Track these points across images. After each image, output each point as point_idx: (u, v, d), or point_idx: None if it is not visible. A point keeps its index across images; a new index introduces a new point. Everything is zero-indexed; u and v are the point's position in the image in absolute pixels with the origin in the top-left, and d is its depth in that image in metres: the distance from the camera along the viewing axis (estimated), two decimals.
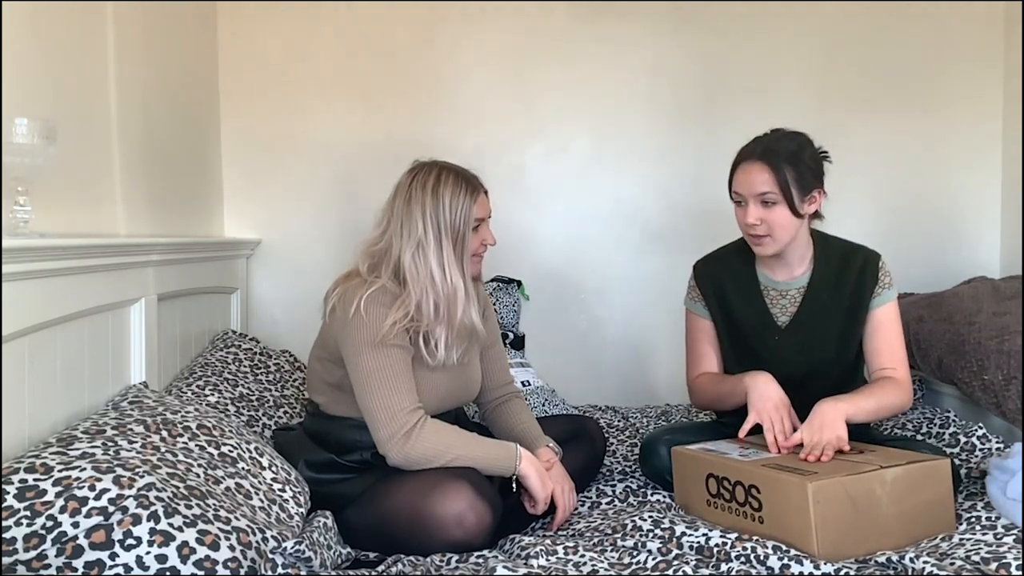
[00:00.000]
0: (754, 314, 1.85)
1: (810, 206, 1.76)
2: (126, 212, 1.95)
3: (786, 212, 1.72)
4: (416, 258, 1.64)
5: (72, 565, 1.12)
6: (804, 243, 1.82)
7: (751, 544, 1.42)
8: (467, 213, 1.66)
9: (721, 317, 1.90)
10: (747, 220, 1.74)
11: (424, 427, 1.59)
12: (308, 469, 1.67)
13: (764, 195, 1.71)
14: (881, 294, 1.80)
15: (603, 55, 2.78)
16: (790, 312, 1.84)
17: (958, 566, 1.33)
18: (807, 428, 1.64)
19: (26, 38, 1.52)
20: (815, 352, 1.83)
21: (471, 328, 1.69)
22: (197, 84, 2.56)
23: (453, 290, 1.64)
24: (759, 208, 1.72)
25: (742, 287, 1.87)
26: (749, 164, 1.74)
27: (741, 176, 1.75)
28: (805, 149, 1.75)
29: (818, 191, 1.76)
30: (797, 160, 1.72)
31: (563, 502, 1.67)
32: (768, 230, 1.73)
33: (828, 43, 2.79)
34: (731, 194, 1.79)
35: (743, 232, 1.81)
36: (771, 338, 1.84)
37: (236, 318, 2.65)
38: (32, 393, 1.40)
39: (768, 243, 1.75)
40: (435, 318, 1.65)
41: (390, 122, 2.74)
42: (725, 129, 2.75)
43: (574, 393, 2.74)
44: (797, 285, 1.84)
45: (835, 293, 1.81)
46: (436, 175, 1.67)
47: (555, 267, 2.84)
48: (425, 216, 1.64)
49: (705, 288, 1.91)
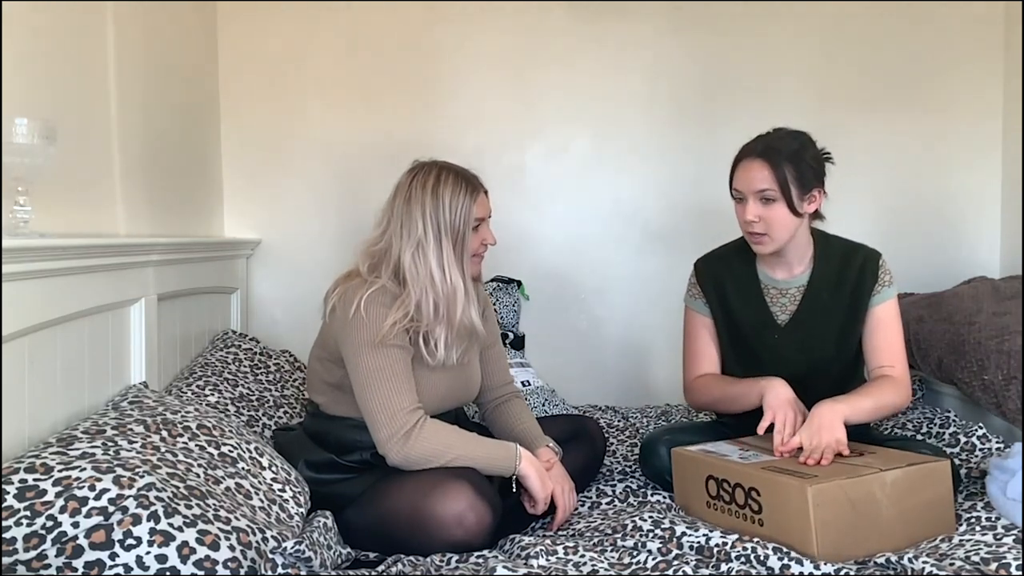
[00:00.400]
0: (754, 313, 1.85)
1: (809, 205, 1.76)
2: (126, 212, 1.95)
3: (784, 210, 1.72)
4: (416, 258, 1.64)
5: (72, 565, 1.12)
6: (804, 242, 1.82)
7: (751, 544, 1.42)
8: (467, 213, 1.66)
9: (721, 315, 1.89)
10: (746, 217, 1.74)
11: (424, 427, 1.59)
12: (308, 469, 1.67)
13: (763, 192, 1.71)
14: (881, 292, 1.80)
15: (603, 55, 2.78)
16: (790, 311, 1.84)
17: (958, 566, 1.33)
18: (805, 431, 1.63)
19: (26, 38, 1.52)
20: (815, 350, 1.83)
21: (471, 328, 1.69)
22: (197, 84, 2.56)
23: (453, 290, 1.64)
24: (758, 205, 1.72)
25: (742, 286, 1.87)
26: (749, 161, 1.74)
27: (741, 173, 1.76)
28: (807, 149, 1.75)
29: (818, 190, 1.76)
30: (798, 159, 1.72)
31: (563, 502, 1.67)
32: (766, 228, 1.73)
33: (828, 43, 2.79)
34: (731, 191, 1.79)
35: (742, 230, 1.81)
36: (771, 336, 1.84)
37: (236, 318, 2.65)
38: (32, 393, 1.40)
39: (766, 241, 1.75)
40: (435, 318, 1.65)
41: (390, 122, 2.74)
42: (725, 129, 2.74)
43: (574, 393, 2.74)
44: (797, 284, 1.84)
45: (835, 291, 1.81)
46: (436, 175, 1.67)
47: (555, 267, 2.84)
48: (425, 216, 1.64)
49: (706, 286, 1.91)
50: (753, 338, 1.86)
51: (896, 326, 1.82)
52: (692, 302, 1.95)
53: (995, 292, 2.33)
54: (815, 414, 1.65)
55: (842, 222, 2.04)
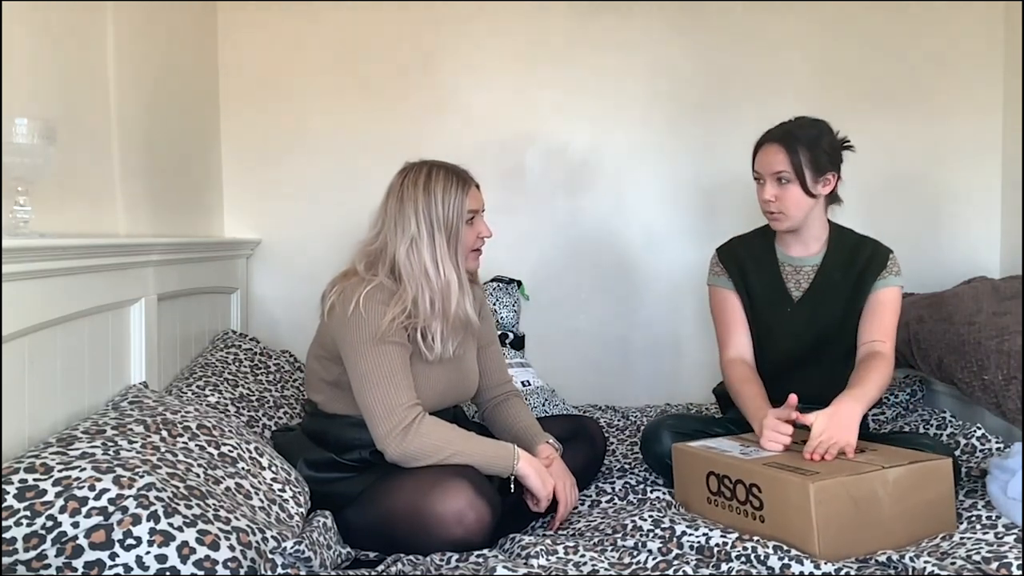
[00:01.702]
0: (770, 287, 1.96)
1: (824, 188, 1.87)
2: (126, 212, 1.95)
3: (799, 191, 1.84)
4: (410, 254, 1.66)
5: (72, 565, 1.12)
6: (820, 224, 1.93)
7: (751, 544, 1.42)
8: (460, 206, 1.68)
9: (742, 291, 1.99)
10: (763, 197, 1.88)
11: (422, 423, 1.59)
12: (308, 468, 1.67)
13: (779, 174, 1.84)
14: (886, 278, 1.89)
15: (603, 55, 2.78)
16: (803, 287, 1.94)
17: (959, 566, 1.33)
18: (824, 417, 1.64)
19: (27, 38, 1.52)
20: (822, 326, 1.91)
21: (465, 320, 1.71)
22: (197, 84, 2.56)
23: (447, 283, 1.67)
24: (775, 186, 1.86)
25: (761, 263, 1.98)
26: (768, 145, 1.88)
27: (761, 156, 1.89)
28: (824, 136, 1.87)
29: (832, 175, 1.87)
30: (814, 145, 1.84)
31: (564, 496, 1.68)
32: (781, 207, 1.86)
33: (828, 43, 2.78)
34: (753, 172, 1.92)
35: (761, 209, 1.92)
36: (784, 310, 1.94)
37: (236, 318, 2.65)
38: (32, 393, 1.40)
39: (782, 219, 1.88)
40: (431, 312, 1.66)
41: (390, 122, 2.74)
42: (725, 129, 2.75)
43: (574, 393, 2.74)
44: (811, 262, 1.94)
45: (845, 272, 1.90)
46: (427, 172, 1.70)
47: (555, 267, 2.84)
48: (418, 212, 1.66)
49: (729, 265, 2.01)
50: (767, 312, 1.95)
51: (893, 311, 1.87)
52: (716, 280, 2.03)
53: (995, 292, 2.33)
54: (838, 409, 1.66)
55: (842, 221, 2.04)
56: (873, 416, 2.33)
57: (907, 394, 2.49)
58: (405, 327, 1.65)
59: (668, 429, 1.88)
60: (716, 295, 2.02)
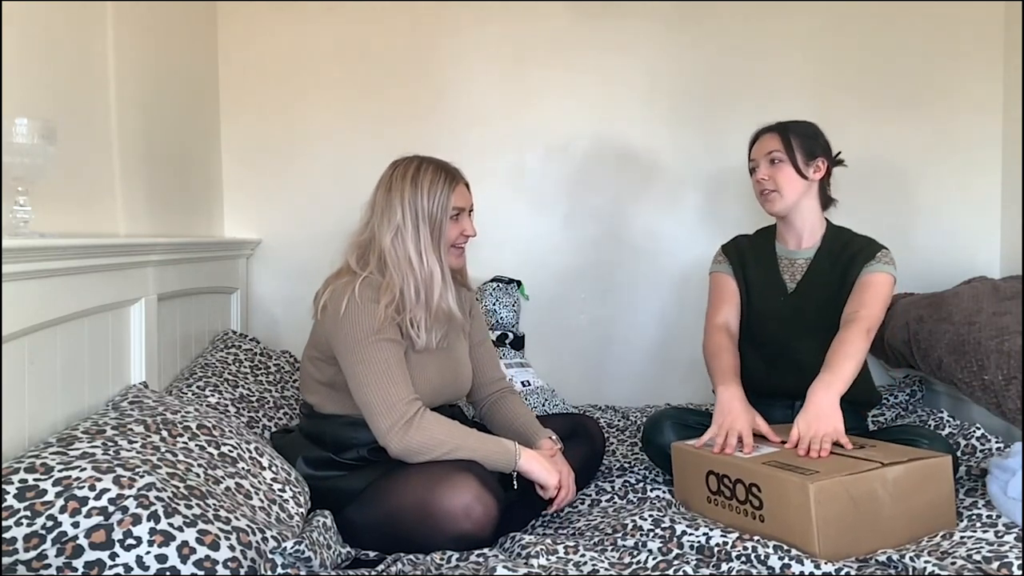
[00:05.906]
0: (767, 278, 2.03)
1: (815, 174, 1.96)
2: (126, 212, 1.95)
3: (791, 171, 1.94)
4: (395, 243, 1.68)
5: (72, 565, 1.12)
6: (814, 217, 2.00)
7: (752, 544, 1.42)
8: (445, 201, 1.70)
9: (740, 280, 2.06)
10: (758, 177, 1.98)
11: (423, 417, 1.60)
12: (306, 466, 1.68)
13: (772, 154, 1.95)
14: (875, 265, 1.90)
15: (603, 55, 2.78)
16: (797, 279, 2.01)
17: (959, 566, 1.33)
18: (802, 418, 1.67)
19: (26, 38, 1.52)
20: (811, 315, 1.95)
21: (448, 313, 1.73)
22: (197, 84, 2.56)
23: (430, 273, 1.69)
24: (768, 166, 1.96)
25: (761, 256, 2.07)
26: (763, 134, 2.01)
27: (756, 145, 2.01)
28: (818, 135, 1.98)
29: (822, 161, 1.96)
30: (804, 134, 1.96)
31: (567, 483, 1.71)
32: (775, 186, 1.95)
33: (828, 43, 2.78)
34: (749, 164, 2.03)
35: (757, 196, 2.01)
36: (778, 299, 2.01)
37: (236, 318, 2.65)
38: (32, 393, 1.40)
39: (775, 198, 1.96)
40: (416, 301, 1.68)
41: (390, 122, 2.74)
42: (724, 129, 2.75)
43: (574, 393, 2.74)
44: (805, 256, 2.01)
45: (834, 263, 1.96)
46: (416, 166, 1.73)
47: (555, 267, 2.84)
48: (404, 203, 1.69)
49: (731, 256, 2.10)
50: (763, 302, 2.02)
51: (882, 293, 1.87)
52: (718, 267, 2.11)
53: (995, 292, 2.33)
54: (811, 402, 1.69)
55: (842, 222, 2.05)
56: (873, 417, 2.33)
57: (907, 394, 2.49)
58: (397, 322, 1.66)
59: (670, 420, 1.92)
60: (716, 279, 2.10)
